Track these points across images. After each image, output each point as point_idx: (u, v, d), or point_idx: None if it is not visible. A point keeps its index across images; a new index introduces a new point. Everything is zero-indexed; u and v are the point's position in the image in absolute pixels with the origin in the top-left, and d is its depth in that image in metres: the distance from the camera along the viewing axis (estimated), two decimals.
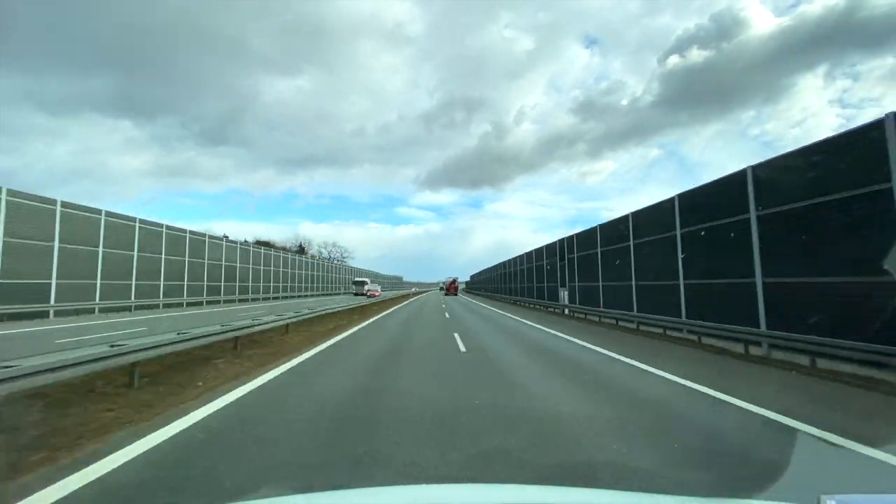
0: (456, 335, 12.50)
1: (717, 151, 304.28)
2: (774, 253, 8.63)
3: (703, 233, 10.86)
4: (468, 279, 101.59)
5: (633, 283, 14.50)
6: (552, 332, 13.84)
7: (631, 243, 14.73)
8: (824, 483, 3.18)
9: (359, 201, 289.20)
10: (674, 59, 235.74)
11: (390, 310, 25.57)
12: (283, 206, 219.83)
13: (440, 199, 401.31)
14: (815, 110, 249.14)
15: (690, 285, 11.41)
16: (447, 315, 21.25)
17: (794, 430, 4.32)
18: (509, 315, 21.86)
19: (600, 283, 17.37)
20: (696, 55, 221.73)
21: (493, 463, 3.47)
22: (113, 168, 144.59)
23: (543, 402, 5.42)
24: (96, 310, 20.71)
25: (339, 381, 6.56)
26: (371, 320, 18.01)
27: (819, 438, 4.08)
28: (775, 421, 4.63)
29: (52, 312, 18.32)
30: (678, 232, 11.87)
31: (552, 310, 23.84)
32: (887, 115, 6.46)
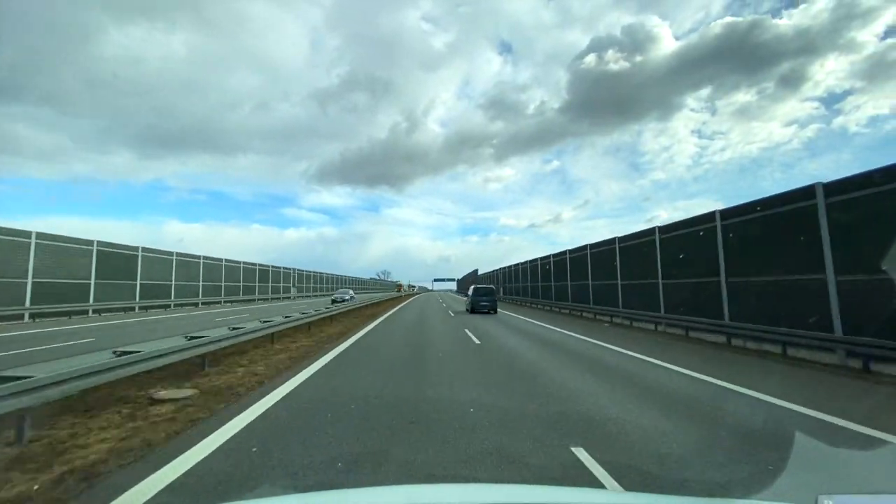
0: None
1: (595, 169, 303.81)
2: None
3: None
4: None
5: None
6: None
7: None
8: (823, 483, 3.15)
9: (242, 200, 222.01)
10: (584, 64, 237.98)
11: None
12: (149, 200, 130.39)
13: (335, 201, 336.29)
14: (680, 136, 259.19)
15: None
16: None
17: None
18: None
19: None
20: (605, 62, 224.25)
21: None
22: None
23: None
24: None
25: None
26: None
27: (816, 438, 4.24)
28: None
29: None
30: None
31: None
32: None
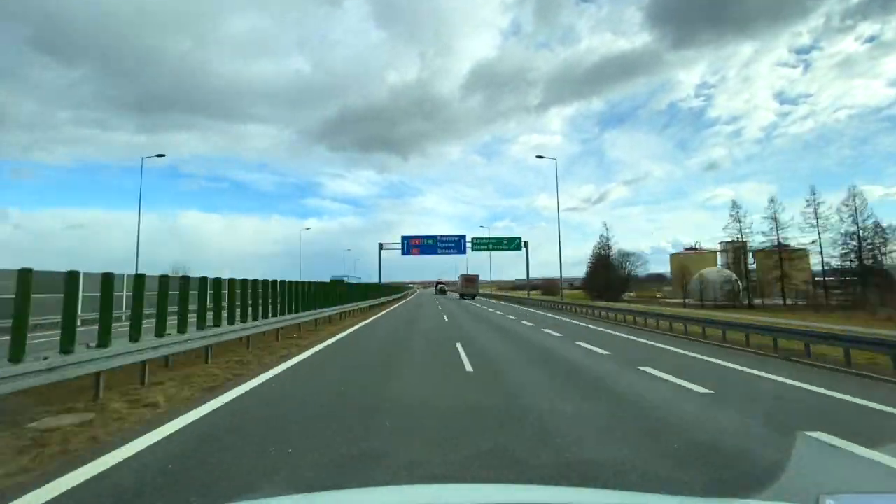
0: None
1: (633, 150, 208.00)
2: None
3: None
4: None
5: None
6: None
7: None
8: (824, 483, 3.14)
9: (263, 190, 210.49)
10: None
11: None
12: (164, 189, 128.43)
13: (357, 190, 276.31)
14: (757, 102, 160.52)
15: None
16: None
17: None
18: None
19: None
20: None
21: None
22: None
23: None
24: None
25: None
26: None
27: (815, 437, 4.13)
28: None
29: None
30: None
31: None
32: None
